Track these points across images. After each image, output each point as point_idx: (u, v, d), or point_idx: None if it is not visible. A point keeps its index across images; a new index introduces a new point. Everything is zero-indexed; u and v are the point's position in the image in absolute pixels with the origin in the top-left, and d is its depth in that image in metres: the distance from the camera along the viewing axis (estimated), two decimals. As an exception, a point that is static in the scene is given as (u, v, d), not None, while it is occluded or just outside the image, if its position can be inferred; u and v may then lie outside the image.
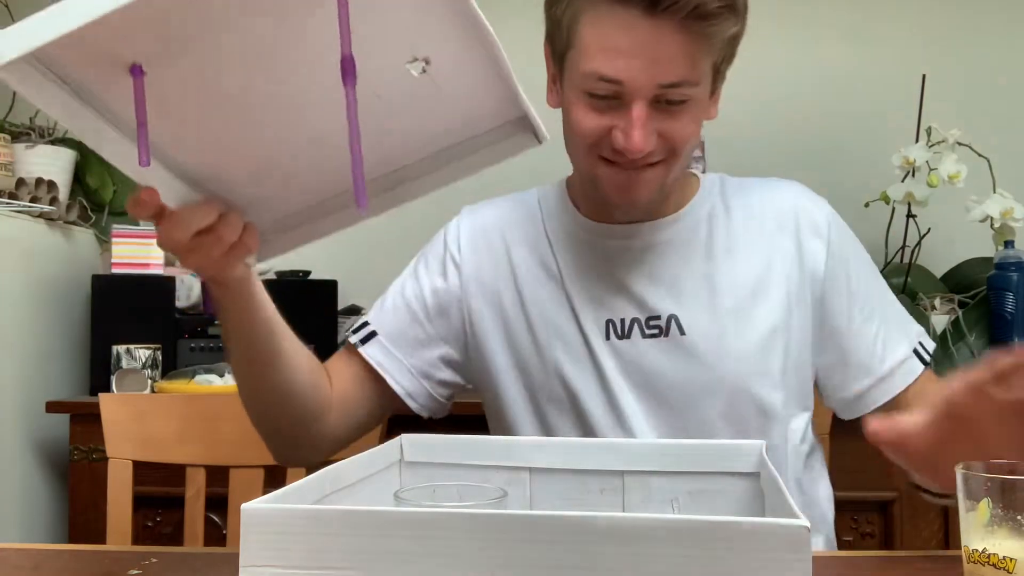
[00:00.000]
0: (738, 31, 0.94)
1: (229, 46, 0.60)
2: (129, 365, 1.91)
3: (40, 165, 2.06)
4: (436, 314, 1.10)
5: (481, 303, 1.09)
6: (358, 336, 1.08)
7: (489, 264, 1.10)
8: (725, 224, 1.05)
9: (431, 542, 0.48)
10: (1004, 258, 1.96)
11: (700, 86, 0.93)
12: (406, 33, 0.61)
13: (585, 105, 0.95)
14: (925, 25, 2.32)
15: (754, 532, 0.45)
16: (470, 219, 1.14)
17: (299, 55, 0.60)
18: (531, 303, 1.07)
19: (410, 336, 1.08)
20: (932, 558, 0.76)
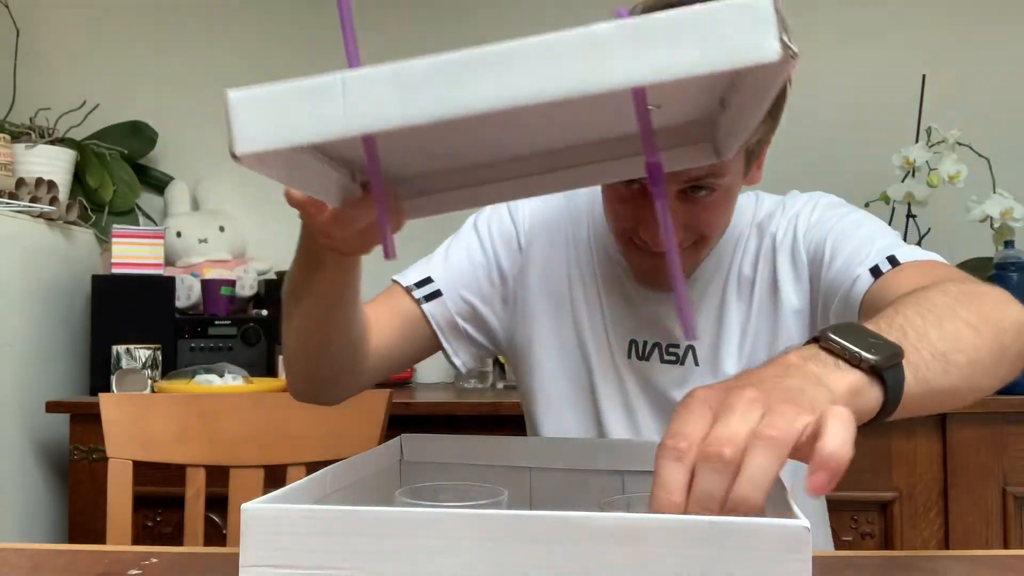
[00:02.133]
0: (771, 123, 0.93)
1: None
2: (129, 365, 1.91)
3: (40, 165, 2.06)
4: (497, 288, 1.11)
5: (537, 291, 1.10)
6: (422, 292, 1.07)
7: (547, 255, 1.11)
8: (740, 258, 1.06)
9: (431, 542, 0.48)
10: (1004, 258, 1.96)
11: (728, 176, 0.92)
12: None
13: (615, 193, 0.97)
14: (925, 25, 2.32)
15: (754, 532, 0.45)
16: (529, 203, 1.13)
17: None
18: (575, 304, 1.09)
19: (471, 302, 1.09)
20: (932, 558, 0.76)
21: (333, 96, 0.49)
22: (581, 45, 0.46)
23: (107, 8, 2.46)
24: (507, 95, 0.46)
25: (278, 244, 2.39)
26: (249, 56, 2.44)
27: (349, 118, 0.48)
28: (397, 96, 0.47)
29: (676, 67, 0.45)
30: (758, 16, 0.46)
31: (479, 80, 0.47)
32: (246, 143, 0.49)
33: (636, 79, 0.46)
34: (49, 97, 2.27)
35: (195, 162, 2.41)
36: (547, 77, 0.46)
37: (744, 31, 0.46)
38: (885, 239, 0.96)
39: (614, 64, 0.46)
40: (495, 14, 2.41)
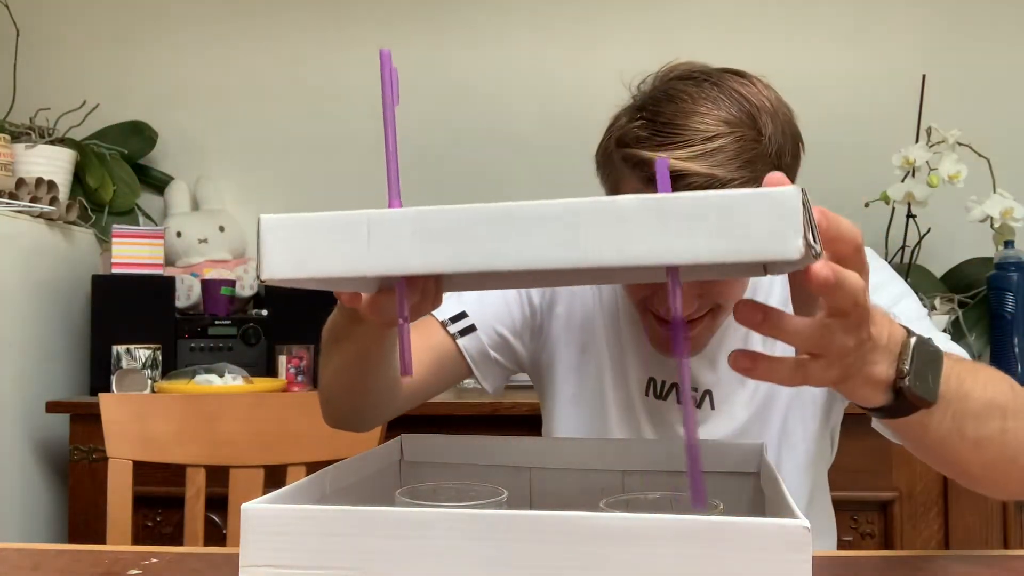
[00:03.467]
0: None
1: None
2: (129, 365, 1.91)
3: (40, 165, 2.06)
4: (527, 320, 1.11)
5: (564, 323, 1.11)
6: (457, 327, 1.08)
7: (574, 294, 1.11)
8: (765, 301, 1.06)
9: (431, 542, 0.48)
10: (1004, 258, 1.96)
11: None
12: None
13: None
14: (925, 25, 2.32)
15: (754, 532, 0.45)
16: None
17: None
18: (597, 338, 1.10)
19: (503, 334, 1.10)
20: (932, 558, 0.76)
21: (358, 235, 0.50)
22: (606, 217, 0.47)
23: (107, 8, 2.46)
24: (527, 258, 0.47)
25: (278, 244, 2.39)
26: (249, 56, 2.44)
27: (373, 259, 0.50)
28: (419, 244, 0.49)
29: (698, 252, 0.46)
30: (784, 211, 0.46)
31: (501, 240, 0.48)
32: (273, 271, 0.51)
33: (657, 259, 0.46)
34: (49, 97, 2.27)
35: (195, 162, 2.41)
36: (569, 246, 0.47)
37: (769, 225, 0.45)
38: (921, 322, 0.96)
39: (637, 241, 0.46)
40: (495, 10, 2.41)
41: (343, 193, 2.40)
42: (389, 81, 0.56)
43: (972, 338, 1.99)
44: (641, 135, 0.86)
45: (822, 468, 1.11)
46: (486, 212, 0.48)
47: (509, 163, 2.37)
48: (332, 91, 2.42)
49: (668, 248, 0.46)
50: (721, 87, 0.86)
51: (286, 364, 2.04)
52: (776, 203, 0.45)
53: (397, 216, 0.50)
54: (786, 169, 0.88)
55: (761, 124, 0.85)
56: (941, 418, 0.64)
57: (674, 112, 0.85)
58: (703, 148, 0.82)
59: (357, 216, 0.50)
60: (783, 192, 0.46)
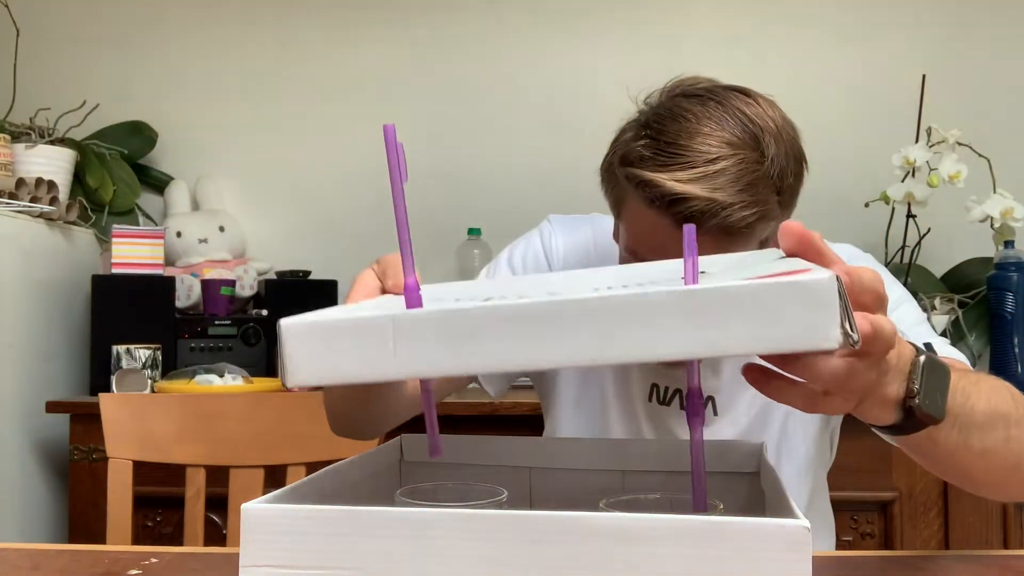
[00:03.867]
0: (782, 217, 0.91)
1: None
2: (129, 365, 1.91)
3: (40, 165, 2.06)
4: None
5: None
6: None
7: None
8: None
9: (431, 542, 0.48)
10: (1004, 258, 1.96)
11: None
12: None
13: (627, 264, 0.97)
14: (925, 25, 2.32)
15: (754, 532, 0.45)
16: (564, 238, 1.13)
17: None
18: None
19: None
20: (932, 558, 0.76)
21: (383, 339, 0.49)
22: (636, 313, 0.46)
23: (107, 8, 2.46)
24: (555, 358, 0.47)
25: (278, 244, 2.39)
26: (249, 56, 2.44)
27: (399, 363, 0.48)
28: (445, 347, 0.48)
29: (732, 345, 0.45)
30: (820, 302, 0.44)
31: (528, 339, 0.47)
32: (298, 378, 0.50)
33: (690, 354, 0.45)
34: (49, 97, 2.27)
35: (195, 162, 2.41)
36: (598, 345, 0.46)
37: (805, 316, 0.44)
38: (921, 326, 0.97)
39: (669, 337, 0.45)
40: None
41: (343, 193, 2.40)
42: (396, 157, 0.55)
43: (972, 338, 1.99)
44: (645, 155, 0.86)
45: (821, 470, 1.12)
46: (512, 311, 0.47)
47: (509, 163, 2.37)
48: (332, 91, 2.42)
49: (700, 342, 0.45)
50: (725, 107, 0.87)
51: (286, 364, 2.03)
52: (811, 293, 0.44)
53: (422, 318, 0.48)
54: (788, 190, 0.88)
55: (764, 145, 0.86)
56: (948, 432, 0.65)
57: (677, 132, 0.86)
58: (704, 171, 0.83)
59: (381, 319, 0.49)
60: (818, 281, 0.44)
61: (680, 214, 0.84)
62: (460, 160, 2.38)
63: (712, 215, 0.83)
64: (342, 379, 0.49)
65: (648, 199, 0.86)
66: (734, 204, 0.83)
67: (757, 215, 0.85)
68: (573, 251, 1.12)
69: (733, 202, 0.83)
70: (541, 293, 0.58)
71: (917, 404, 0.61)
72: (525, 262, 1.12)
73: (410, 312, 0.49)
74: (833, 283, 0.44)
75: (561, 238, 1.12)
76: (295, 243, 2.39)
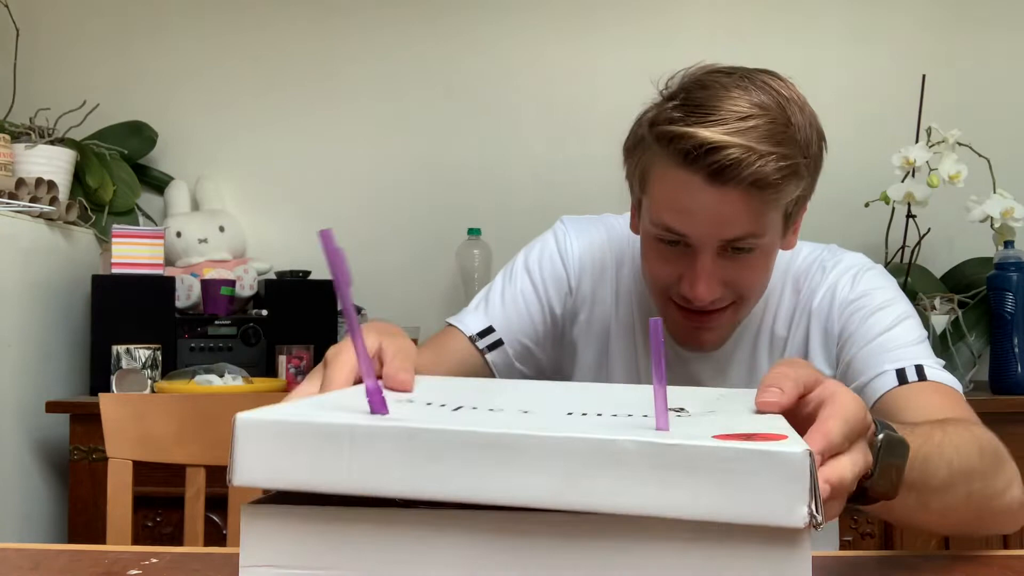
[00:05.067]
0: (808, 183, 0.93)
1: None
2: (129, 365, 1.91)
3: (40, 165, 2.06)
4: (549, 331, 1.13)
5: (583, 333, 1.12)
6: (485, 342, 1.10)
7: (594, 298, 1.12)
8: (774, 314, 1.07)
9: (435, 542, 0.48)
10: (1004, 258, 1.96)
11: (766, 237, 0.93)
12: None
13: (656, 251, 0.97)
14: (925, 25, 2.32)
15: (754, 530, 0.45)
16: (578, 239, 1.14)
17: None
18: (612, 355, 1.11)
19: (527, 346, 1.12)
20: (932, 558, 0.76)
21: (340, 449, 0.47)
22: (599, 457, 0.44)
23: (107, 9, 2.46)
24: (513, 496, 0.45)
25: (278, 244, 2.39)
26: (249, 56, 2.44)
27: (352, 478, 0.47)
28: (402, 467, 0.46)
29: (696, 509, 0.44)
30: (792, 475, 0.43)
31: (487, 470, 0.45)
32: (244, 477, 0.48)
33: (651, 511, 0.44)
34: (49, 97, 2.27)
35: (195, 162, 2.41)
36: (555, 486, 0.45)
37: (773, 488, 0.43)
38: (917, 346, 0.98)
39: (633, 490, 0.44)
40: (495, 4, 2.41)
41: (343, 193, 2.40)
42: (336, 262, 0.53)
43: (972, 338, 2.00)
44: (675, 115, 0.88)
45: None
46: (473, 439, 0.46)
47: (509, 163, 2.37)
48: (333, 91, 2.42)
49: (665, 501, 0.44)
50: (751, 79, 0.90)
51: (286, 364, 2.04)
52: (782, 466, 0.43)
53: (380, 433, 0.47)
54: (813, 159, 0.91)
55: (790, 112, 0.88)
56: (904, 499, 0.64)
57: (707, 96, 0.88)
58: (738, 126, 0.85)
59: (339, 428, 0.47)
60: (793, 454, 0.43)
61: (716, 163, 0.85)
62: (460, 160, 2.38)
63: (748, 164, 0.85)
64: (292, 486, 0.48)
65: (683, 152, 0.87)
66: (771, 154, 0.85)
67: (790, 169, 0.87)
68: (588, 252, 1.13)
69: (771, 152, 0.85)
70: (515, 408, 0.58)
71: (870, 484, 0.60)
72: (542, 265, 1.13)
73: (369, 425, 0.47)
74: (806, 459, 0.43)
75: (575, 240, 1.14)
76: (295, 243, 2.39)
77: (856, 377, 0.98)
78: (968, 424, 0.79)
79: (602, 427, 0.51)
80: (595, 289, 1.12)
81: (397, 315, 2.30)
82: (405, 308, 2.32)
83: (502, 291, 1.13)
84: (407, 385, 0.67)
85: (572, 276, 1.12)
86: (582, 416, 0.56)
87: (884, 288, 1.04)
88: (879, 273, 1.08)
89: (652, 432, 0.48)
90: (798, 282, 1.07)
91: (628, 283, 1.12)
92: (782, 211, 0.93)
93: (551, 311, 1.12)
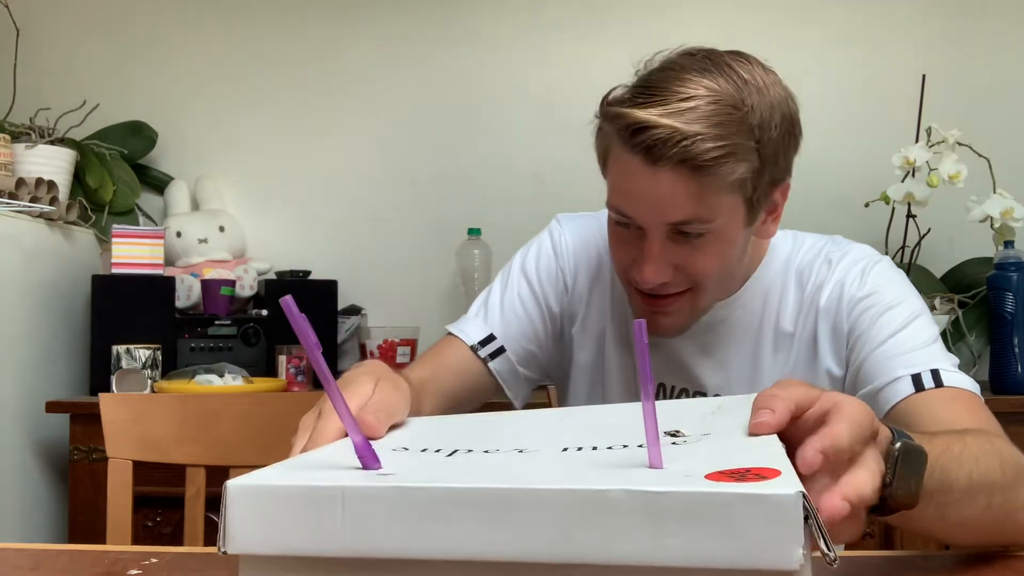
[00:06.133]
0: (760, 165, 0.90)
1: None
2: (129, 365, 1.91)
3: (40, 165, 2.06)
4: (549, 330, 1.13)
5: (580, 329, 1.12)
6: (487, 351, 1.09)
7: (589, 294, 1.12)
8: (777, 309, 1.05)
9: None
10: (1004, 258, 1.96)
11: (716, 221, 0.91)
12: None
13: (615, 234, 0.98)
14: (925, 25, 2.32)
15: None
16: (572, 236, 1.14)
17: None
18: (607, 347, 1.11)
19: (529, 349, 1.12)
20: (932, 558, 0.76)
21: (332, 512, 0.47)
22: (593, 508, 0.44)
23: (107, 8, 2.46)
24: (508, 551, 0.45)
25: (278, 244, 2.39)
26: (250, 56, 2.44)
27: (346, 539, 0.47)
28: (396, 526, 0.46)
29: (688, 556, 0.43)
30: (783, 518, 0.43)
31: (480, 525, 0.46)
32: (238, 544, 0.49)
33: (645, 559, 0.44)
34: (49, 97, 2.27)
35: (195, 162, 2.41)
36: (550, 540, 0.45)
37: (766, 531, 0.43)
38: (931, 347, 0.96)
39: (627, 540, 0.44)
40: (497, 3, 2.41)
41: (343, 193, 2.40)
42: (302, 328, 0.53)
43: (972, 338, 2.00)
44: (625, 96, 0.90)
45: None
46: (468, 495, 0.46)
47: (509, 163, 2.37)
48: (332, 91, 2.42)
49: (661, 549, 0.44)
50: (715, 62, 0.90)
51: (286, 364, 2.04)
52: (775, 507, 0.43)
53: (373, 493, 0.47)
54: (770, 143, 0.90)
55: (745, 95, 0.88)
56: (923, 510, 0.63)
57: (661, 78, 0.89)
58: (676, 107, 0.86)
59: (331, 491, 0.47)
60: (785, 496, 0.43)
61: (644, 143, 0.86)
62: (460, 160, 2.38)
63: (673, 144, 0.85)
64: (286, 551, 0.48)
65: (621, 131, 0.88)
66: (699, 135, 0.85)
67: (725, 151, 0.86)
68: (583, 249, 1.13)
69: (697, 132, 0.85)
70: (510, 447, 0.58)
71: (888, 494, 0.59)
72: (538, 266, 1.13)
73: (360, 487, 0.47)
74: (799, 501, 0.43)
75: (570, 236, 1.14)
76: (295, 243, 2.39)
77: (869, 382, 0.97)
78: (989, 436, 0.78)
79: (595, 469, 0.51)
80: (592, 287, 1.12)
81: (397, 315, 2.30)
82: (405, 308, 2.32)
83: (501, 296, 1.13)
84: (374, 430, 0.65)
85: (568, 274, 1.12)
86: (577, 451, 0.56)
87: (894, 283, 1.02)
88: (888, 267, 1.06)
89: (644, 474, 0.48)
90: (802, 276, 1.05)
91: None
92: (738, 196, 0.91)
93: (549, 311, 1.12)
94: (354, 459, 0.54)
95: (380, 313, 2.32)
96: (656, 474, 0.49)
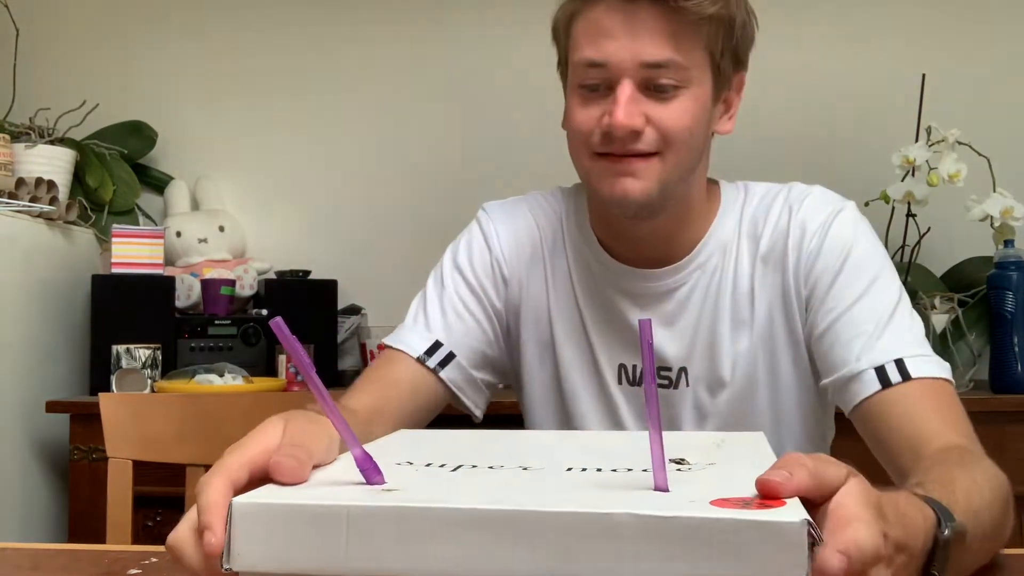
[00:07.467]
0: (729, 16, 0.92)
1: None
2: (129, 365, 1.91)
3: (40, 165, 2.06)
4: (495, 325, 1.08)
5: (523, 319, 1.08)
6: (435, 360, 1.03)
7: (528, 282, 1.08)
8: (734, 268, 1.01)
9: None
10: (1004, 257, 1.96)
11: (691, 72, 0.91)
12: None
13: (579, 100, 0.96)
14: (925, 25, 2.31)
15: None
16: (504, 225, 1.10)
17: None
18: (560, 334, 1.07)
19: (480, 350, 1.07)
20: (932, 558, 0.76)
21: (337, 531, 0.48)
22: (598, 530, 0.45)
23: (107, 8, 2.46)
24: (511, 571, 0.46)
25: (278, 244, 2.39)
26: (250, 56, 2.44)
27: (350, 559, 0.47)
28: (401, 547, 0.47)
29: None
30: (789, 545, 0.43)
31: (484, 546, 0.46)
32: (243, 562, 0.49)
33: None
34: (49, 97, 2.27)
35: (195, 162, 2.41)
36: (560, 562, 0.45)
37: (771, 558, 0.43)
38: (894, 319, 0.93)
39: (629, 561, 0.45)
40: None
41: (343, 192, 2.40)
42: (294, 348, 0.54)
43: (972, 338, 1.99)
44: None
45: (822, 442, 1.07)
46: (471, 515, 0.46)
47: (509, 163, 2.37)
48: (332, 90, 2.42)
49: (664, 574, 0.44)
50: None
51: (286, 364, 2.04)
52: (780, 534, 0.43)
53: (377, 513, 0.48)
54: (737, 8, 0.93)
55: None
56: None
57: None
58: None
59: (336, 510, 0.48)
60: (790, 524, 0.43)
61: None
62: (460, 160, 2.38)
63: None
64: (290, 569, 0.48)
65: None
66: None
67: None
68: (514, 232, 1.09)
69: None
70: (514, 464, 0.58)
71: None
72: (472, 259, 1.08)
73: (364, 506, 0.48)
74: (803, 528, 0.43)
75: (502, 225, 1.10)
76: (295, 243, 2.39)
77: (831, 371, 0.94)
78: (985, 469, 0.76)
79: (600, 491, 0.51)
80: (529, 270, 1.08)
81: (397, 315, 2.29)
82: (405, 308, 2.31)
83: (439, 299, 1.07)
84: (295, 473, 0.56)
85: (505, 264, 1.08)
86: (582, 472, 0.56)
87: (856, 236, 0.98)
88: (850, 217, 1.00)
89: (650, 497, 0.49)
90: (756, 226, 1.01)
91: (562, 261, 1.07)
92: (706, 55, 0.92)
93: (492, 305, 1.07)
94: (357, 474, 0.54)
95: (380, 313, 2.31)
96: (662, 498, 0.49)
